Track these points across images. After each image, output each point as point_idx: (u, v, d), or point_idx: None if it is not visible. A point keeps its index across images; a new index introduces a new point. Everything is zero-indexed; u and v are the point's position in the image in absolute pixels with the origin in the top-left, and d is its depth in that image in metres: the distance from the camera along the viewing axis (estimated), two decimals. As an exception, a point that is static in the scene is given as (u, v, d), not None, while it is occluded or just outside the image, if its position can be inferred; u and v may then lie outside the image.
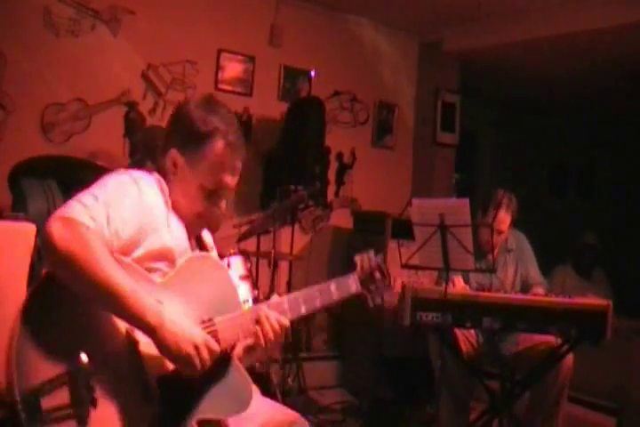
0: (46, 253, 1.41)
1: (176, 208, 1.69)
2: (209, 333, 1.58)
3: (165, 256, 1.62)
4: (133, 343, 1.47)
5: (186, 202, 1.70)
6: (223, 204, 1.75)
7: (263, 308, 1.71)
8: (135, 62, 4.00)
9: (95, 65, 3.85)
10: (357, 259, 2.02)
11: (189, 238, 1.76)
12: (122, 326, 1.48)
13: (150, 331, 1.43)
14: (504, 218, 3.29)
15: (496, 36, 4.85)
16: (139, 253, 1.57)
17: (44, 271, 1.45)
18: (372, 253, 2.06)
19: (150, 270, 1.59)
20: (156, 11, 4.05)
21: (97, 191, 1.52)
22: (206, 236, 1.88)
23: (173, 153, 1.69)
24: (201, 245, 1.82)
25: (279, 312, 1.73)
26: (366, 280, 2.01)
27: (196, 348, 1.47)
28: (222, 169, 1.69)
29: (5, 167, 2.81)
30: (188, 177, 1.69)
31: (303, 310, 1.81)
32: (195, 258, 1.67)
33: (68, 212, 1.44)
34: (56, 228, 1.40)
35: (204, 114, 1.69)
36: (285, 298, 1.79)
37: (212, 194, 1.71)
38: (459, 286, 3.18)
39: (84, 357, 1.40)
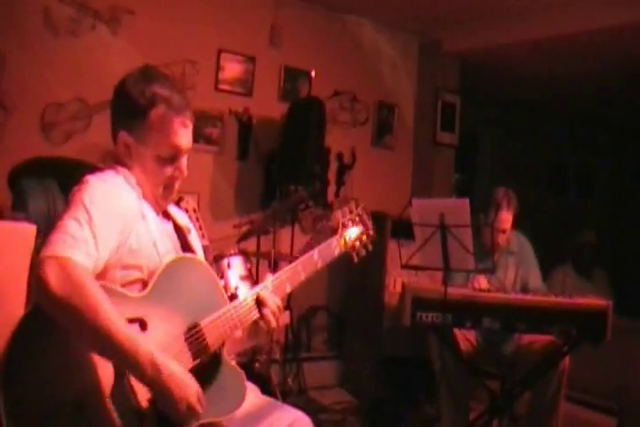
0: (42, 301, 1.38)
1: (143, 191, 1.69)
2: (197, 339, 1.59)
3: (144, 251, 1.61)
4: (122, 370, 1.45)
5: (148, 179, 1.68)
6: (183, 165, 1.72)
7: (259, 291, 1.74)
8: (135, 62, 3.94)
9: (95, 65, 3.85)
10: (338, 215, 2.00)
11: (162, 217, 1.76)
12: None
13: (148, 383, 1.43)
14: (506, 217, 3.28)
15: (496, 36, 4.85)
16: (119, 253, 1.56)
17: (26, 310, 1.42)
18: (352, 204, 2.04)
19: (126, 268, 1.58)
20: (156, 10, 4.05)
21: (75, 213, 1.49)
22: (179, 216, 1.86)
23: (122, 135, 1.67)
24: (177, 230, 1.80)
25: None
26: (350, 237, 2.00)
27: (191, 408, 1.47)
28: (171, 132, 1.66)
29: (5, 167, 2.81)
30: (143, 154, 1.67)
31: (288, 289, 1.84)
32: (172, 263, 1.63)
33: (56, 249, 1.41)
34: (50, 271, 1.37)
35: (141, 86, 1.66)
36: (270, 280, 1.80)
37: (170, 160, 1.69)
38: (483, 284, 3.16)
39: (73, 389, 1.39)
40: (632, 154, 7.37)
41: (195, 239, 1.87)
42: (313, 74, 4.62)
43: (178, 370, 1.47)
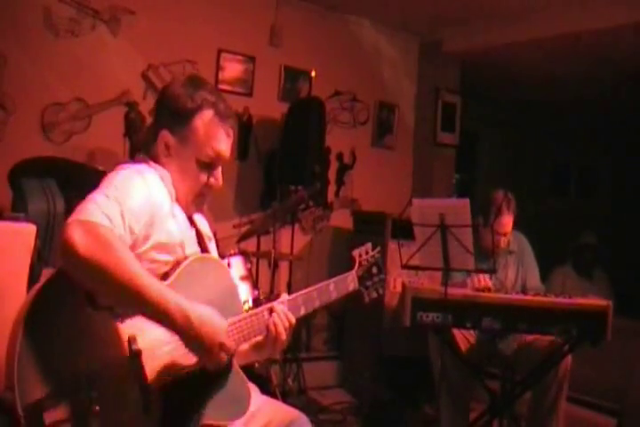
0: (67, 259, 1.39)
1: (176, 193, 1.69)
2: None
3: (171, 248, 1.62)
4: (136, 353, 1.45)
5: (184, 181, 1.69)
6: (219, 174, 1.75)
7: (274, 303, 1.76)
8: (135, 62, 4.00)
9: (95, 65, 3.85)
10: (355, 254, 2.05)
11: (191, 223, 1.77)
12: (123, 334, 1.46)
13: (178, 330, 1.45)
14: (507, 221, 3.26)
15: (496, 36, 4.85)
16: (147, 245, 1.57)
17: (46, 277, 1.42)
18: (369, 246, 2.09)
19: (154, 262, 1.59)
20: (156, 10, 4.04)
21: (107, 190, 1.51)
22: (203, 224, 1.87)
23: (164, 134, 1.68)
24: (199, 236, 1.80)
25: None
26: (363, 277, 2.04)
27: (223, 347, 1.51)
28: (215, 138, 1.69)
29: (5, 167, 2.81)
30: (182, 155, 1.68)
31: (302, 311, 1.84)
32: (196, 260, 1.66)
33: (83, 214, 1.43)
34: (76, 233, 1.38)
35: (190, 91, 1.69)
36: (285, 299, 1.80)
37: (208, 166, 1.71)
38: (483, 280, 3.14)
39: (85, 367, 1.39)
40: (633, 154, 7.36)
41: (213, 248, 1.87)
42: (313, 74, 4.61)
43: (205, 313, 1.49)
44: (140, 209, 1.53)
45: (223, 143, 1.71)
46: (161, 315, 1.42)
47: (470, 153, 6.71)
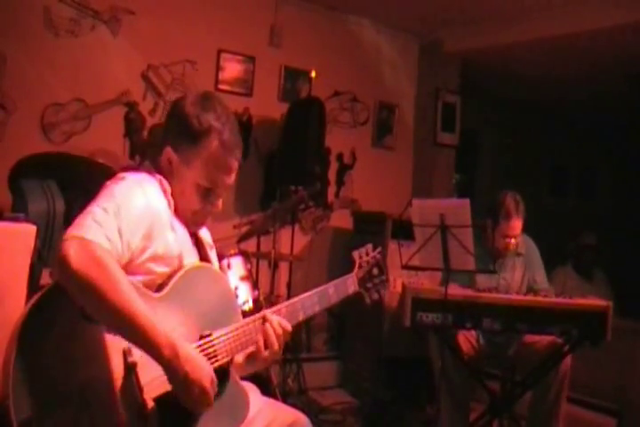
0: (63, 277, 1.38)
1: (175, 205, 1.68)
2: (208, 348, 1.58)
3: (168, 260, 1.61)
4: (131, 365, 1.44)
5: (182, 200, 1.68)
6: (219, 202, 1.74)
7: (267, 312, 1.72)
8: (135, 62, 4.00)
9: (95, 65, 3.85)
10: (356, 256, 2.04)
11: (190, 236, 1.76)
12: (119, 347, 1.44)
13: (164, 364, 1.42)
14: (517, 224, 3.24)
15: (496, 36, 4.85)
16: (144, 257, 1.56)
17: (43, 289, 1.41)
18: (369, 247, 2.08)
19: (150, 273, 1.58)
20: (155, 11, 4.04)
21: (105, 203, 1.49)
22: (205, 234, 1.86)
23: (168, 151, 1.68)
24: (199, 245, 1.80)
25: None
26: (364, 278, 2.02)
27: (203, 391, 1.46)
28: (217, 168, 1.67)
29: (5, 167, 2.80)
30: (184, 175, 1.67)
31: (301, 317, 1.82)
32: (191, 269, 1.64)
33: (81, 230, 1.42)
34: (73, 251, 1.37)
35: (199, 111, 1.67)
36: (284, 305, 1.79)
37: (209, 192, 1.70)
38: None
39: (81, 379, 1.38)
40: (633, 154, 7.36)
41: (214, 257, 1.86)
42: (313, 74, 4.61)
43: (194, 353, 1.47)
44: (137, 221, 1.52)
45: (225, 175, 1.69)
46: (148, 344, 1.40)
47: (470, 153, 6.70)
